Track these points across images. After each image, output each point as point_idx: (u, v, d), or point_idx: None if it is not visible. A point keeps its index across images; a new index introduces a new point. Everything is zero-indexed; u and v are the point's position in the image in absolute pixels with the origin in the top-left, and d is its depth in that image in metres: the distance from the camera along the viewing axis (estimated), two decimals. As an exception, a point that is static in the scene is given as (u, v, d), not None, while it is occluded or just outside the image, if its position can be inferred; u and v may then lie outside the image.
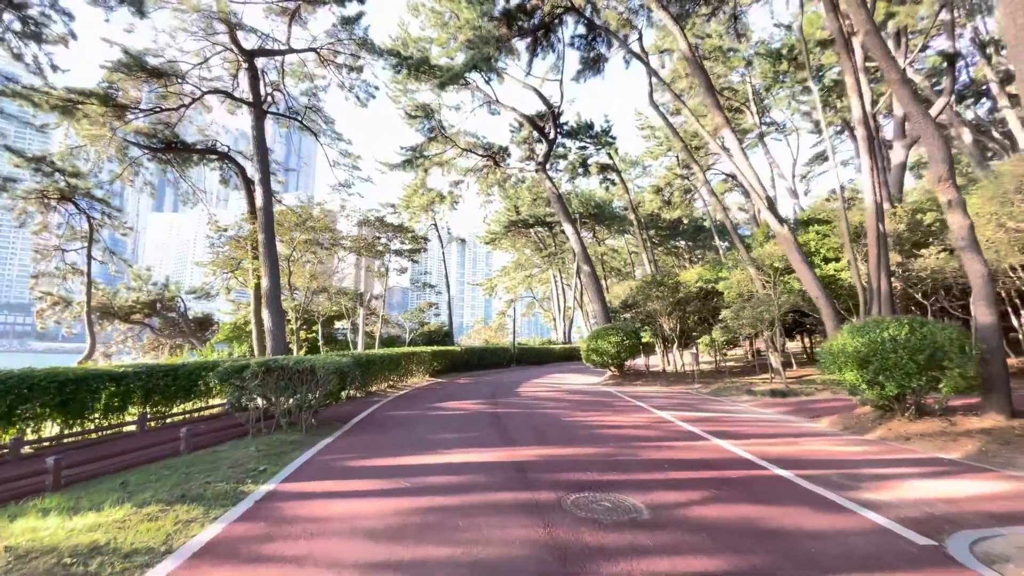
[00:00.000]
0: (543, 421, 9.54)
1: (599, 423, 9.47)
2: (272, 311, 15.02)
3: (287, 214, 20.97)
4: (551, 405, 12.13)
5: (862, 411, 9.79)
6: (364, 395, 13.96)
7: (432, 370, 21.11)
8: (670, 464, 6.30)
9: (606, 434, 8.32)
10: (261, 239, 15.68)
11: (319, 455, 6.90)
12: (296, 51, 18.57)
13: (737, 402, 13.02)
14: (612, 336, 18.13)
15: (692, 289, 19.53)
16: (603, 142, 26.98)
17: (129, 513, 4.67)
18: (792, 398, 13.05)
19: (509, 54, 20.87)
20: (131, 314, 26.79)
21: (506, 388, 16.69)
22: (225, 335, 24.64)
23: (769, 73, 28.60)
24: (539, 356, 34.28)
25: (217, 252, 22.00)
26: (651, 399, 13.52)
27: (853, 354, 8.35)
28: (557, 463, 6.28)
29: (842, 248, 16.82)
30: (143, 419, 9.30)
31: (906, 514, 4.47)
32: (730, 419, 10.23)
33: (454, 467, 6.11)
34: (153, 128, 17.42)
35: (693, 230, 49.42)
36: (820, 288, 13.51)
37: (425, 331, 31.98)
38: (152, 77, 15.75)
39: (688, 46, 14.92)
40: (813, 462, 6.55)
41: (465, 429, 8.74)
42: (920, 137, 22.33)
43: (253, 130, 16.73)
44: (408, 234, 28.31)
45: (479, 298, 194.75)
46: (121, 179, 18.62)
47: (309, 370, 8.31)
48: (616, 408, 11.63)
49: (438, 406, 12.03)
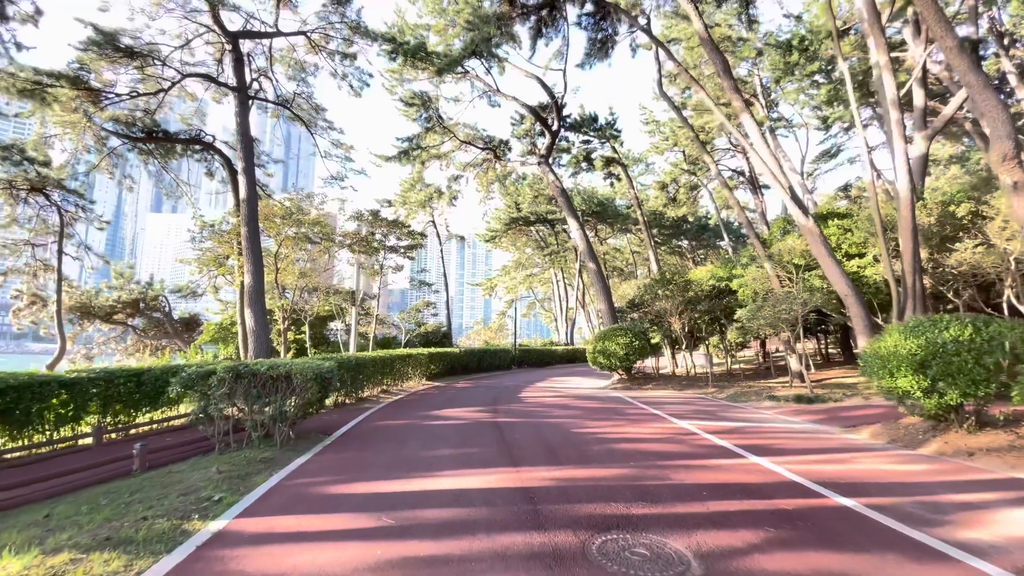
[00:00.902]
0: (551, 433, 8.48)
1: (615, 435, 8.41)
2: (255, 310, 13.93)
3: (274, 207, 19.83)
4: (558, 413, 11.07)
5: (909, 421, 8.74)
6: (354, 401, 12.89)
7: (429, 373, 20.04)
8: (709, 491, 5.25)
9: (625, 449, 7.26)
10: (244, 233, 14.58)
11: (290, 479, 5.85)
12: (284, 34, 17.53)
13: (760, 409, 11.97)
14: (620, 337, 17.07)
15: (704, 288, 18.48)
16: (608, 135, 25.95)
17: (29, 565, 3.62)
18: (820, 404, 12.00)
19: (511, 41, 19.84)
20: (112, 314, 25.60)
21: (508, 393, 15.63)
22: (210, 336, 23.48)
23: (779, 64, 27.62)
24: (541, 358, 33.18)
25: (200, 248, 20.90)
26: (666, 405, 12.47)
27: (908, 357, 7.31)
28: (573, 490, 5.22)
29: (865, 243, 15.82)
30: (100, 431, 8.24)
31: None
32: (759, 430, 9.18)
33: (449, 496, 5.06)
34: (131, 115, 16.32)
35: (697, 229, 48.45)
36: (850, 285, 12.49)
37: (422, 332, 30.82)
38: (126, 58, 14.64)
39: (703, 26, 13.91)
40: (875, 486, 5.52)
41: (464, 443, 7.69)
42: (943, 127, 21.14)
43: (237, 116, 15.65)
44: (404, 229, 27.11)
45: (478, 299, 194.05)
46: (98, 170, 17.55)
47: (284, 377, 7.26)
48: (630, 417, 10.57)
49: (434, 414, 10.97)
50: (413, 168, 25.75)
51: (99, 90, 14.92)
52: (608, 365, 17.65)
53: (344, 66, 18.80)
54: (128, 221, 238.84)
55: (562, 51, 20.69)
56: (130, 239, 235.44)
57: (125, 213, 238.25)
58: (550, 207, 42.04)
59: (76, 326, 25.16)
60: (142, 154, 17.96)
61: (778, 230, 18.72)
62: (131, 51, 14.58)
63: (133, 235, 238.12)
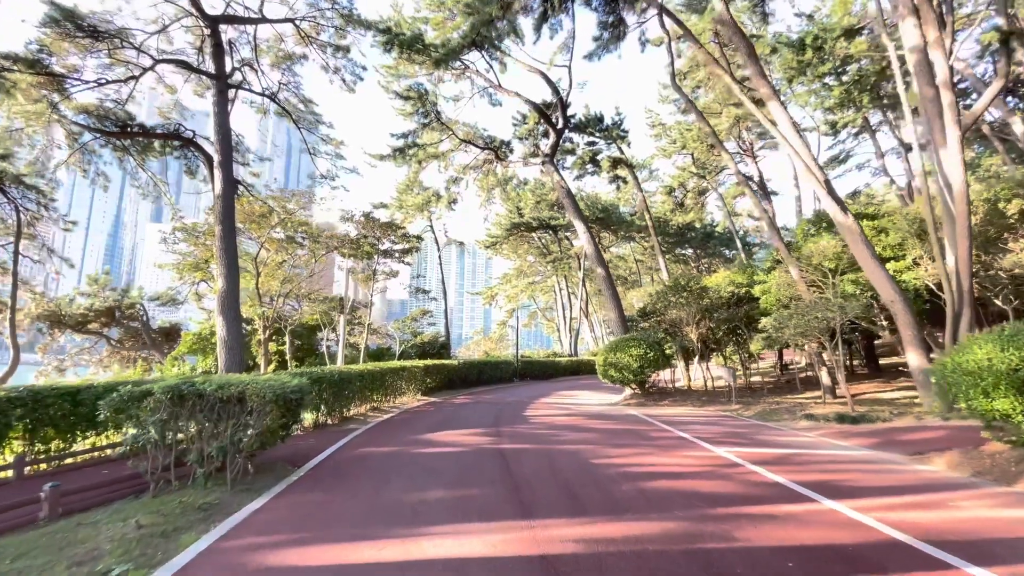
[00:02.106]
0: (567, 465, 7.04)
1: (645, 468, 6.97)
2: (227, 318, 12.46)
3: (255, 204, 18.41)
4: (571, 437, 9.61)
5: (993, 448, 7.32)
6: (338, 421, 11.41)
7: (425, 387, 18.55)
8: (795, 560, 3.83)
9: (662, 490, 5.81)
10: (218, 231, 13.18)
11: (230, 538, 4.41)
12: (269, 20, 16.34)
13: (798, 430, 10.50)
14: (633, 348, 15.63)
15: (722, 295, 17.12)
16: (614, 136, 24.76)
17: None
18: (867, 425, 10.55)
19: (513, 33, 18.73)
20: (85, 323, 24.03)
21: (511, 411, 14.16)
22: (188, 347, 21.89)
23: (792, 63, 26.61)
24: (544, 370, 31.62)
25: (174, 251, 19.47)
26: (690, 426, 11.01)
27: (1009, 374, 5.94)
28: (610, 560, 3.79)
29: (902, 245, 14.49)
30: (20, 463, 6.81)
31: None
32: (812, 459, 7.74)
33: (439, 572, 3.63)
34: (100, 105, 14.97)
35: (702, 237, 47.22)
36: (897, 290, 11.12)
37: (418, 342, 29.21)
38: (91, 39, 13.37)
39: (725, 6, 12.73)
40: (1000, 545, 4.18)
41: (460, 481, 6.25)
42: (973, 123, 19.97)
43: (214, 106, 14.38)
44: (398, 231, 25.58)
45: (478, 309, 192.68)
46: (68, 166, 16.21)
47: (237, 399, 5.85)
48: (656, 442, 9.11)
49: (427, 439, 9.52)
50: (409, 169, 24.47)
51: (62, 76, 13.66)
52: (620, 379, 16.19)
53: (336, 59, 17.64)
54: (128, 231, 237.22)
55: (568, 44, 19.59)
56: (129, 249, 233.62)
57: (124, 223, 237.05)
58: (553, 213, 40.79)
59: (46, 336, 23.64)
60: (117, 150, 16.68)
61: (802, 233, 17.41)
62: (95, 31, 13.28)
63: (133, 245, 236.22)
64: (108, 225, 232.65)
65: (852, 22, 24.81)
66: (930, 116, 12.02)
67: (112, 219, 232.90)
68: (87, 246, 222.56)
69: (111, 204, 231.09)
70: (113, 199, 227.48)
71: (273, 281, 21.21)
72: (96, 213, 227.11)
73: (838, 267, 14.01)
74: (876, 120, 36.58)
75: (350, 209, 23.55)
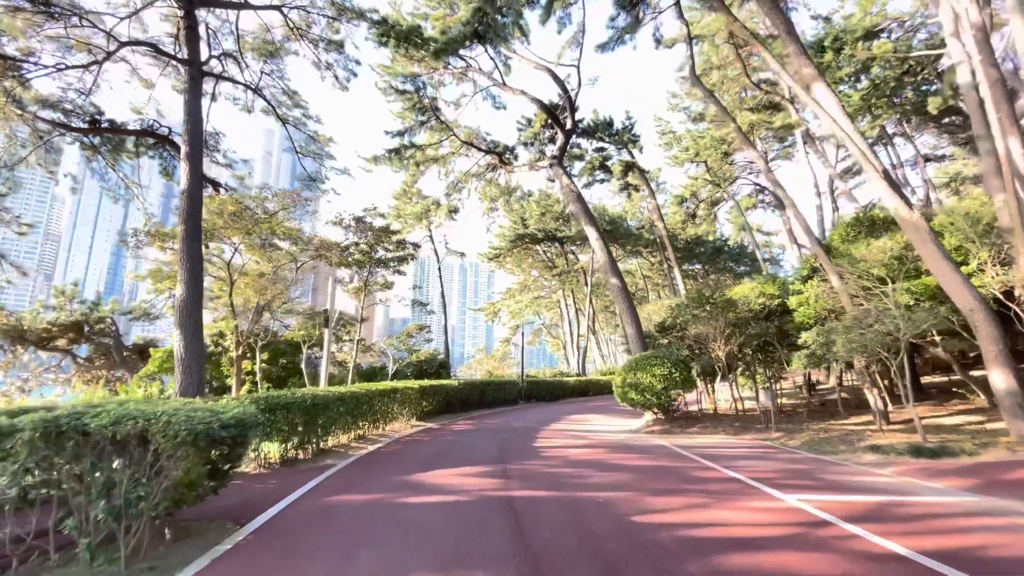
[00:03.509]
0: (601, 526, 5.21)
1: (706, 532, 5.13)
2: (186, 331, 10.65)
3: (227, 203, 16.74)
4: (599, 480, 7.73)
5: None
6: (311, 456, 9.56)
7: (421, 411, 16.68)
8: None
9: (745, 569, 4.00)
10: (181, 232, 11.51)
11: None
12: (253, 7, 15.03)
13: (868, 467, 8.61)
14: (657, 367, 13.81)
15: (753, 306, 15.36)
16: (625, 140, 23.37)
17: None
18: (951, 460, 8.69)
19: (518, 28, 17.48)
20: (50, 339, 22.23)
21: (519, 440, 12.29)
22: (158, 365, 20.01)
23: (810, 66, 25.39)
24: (551, 390, 29.55)
25: (139, 257, 17.93)
26: (737, 462, 9.14)
27: None
28: None
29: (959, 249, 12.79)
30: None
31: None
32: (915, 511, 5.89)
33: None
34: (63, 93, 13.58)
35: (711, 252, 45.67)
36: (977, 297, 9.39)
37: (414, 360, 27.21)
38: (43, 15, 11.98)
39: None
40: None
41: (455, 553, 4.44)
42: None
43: (185, 94, 12.93)
44: (392, 237, 23.76)
45: (480, 327, 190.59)
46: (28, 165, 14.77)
47: (137, 438, 4.11)
48: (707, 486, 7.24)
49: (416, 481, 7.69)
50: (407, 173, 23.01)
51: (15, 59, 12.27)
52: (642, 402, 14.32)
53: (328, 53, 16.33)
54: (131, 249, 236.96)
55: (577, 38, 18.30)
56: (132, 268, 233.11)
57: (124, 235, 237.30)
58: (559, 224, 39.24)
59: (7, 353, 21.87)
60: (85, 148, 15.25)
61: (839, 237, 15.74)
62: (48, 4, 11.92)
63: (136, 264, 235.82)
64: (111, 244, 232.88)
65: (875, 22, 23.65)
66: (995, 101, 10.53)
67: (116, 237, 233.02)
68: (90, 265, 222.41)
69: (117, 215, 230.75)
70: (117, 217, 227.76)
71: (249, 291, 19.48)
72: (100, 232, 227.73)
73: (891, 274, 12.29)
74: (892, 129, 35.48)
75: (340, 212, 21.92)
